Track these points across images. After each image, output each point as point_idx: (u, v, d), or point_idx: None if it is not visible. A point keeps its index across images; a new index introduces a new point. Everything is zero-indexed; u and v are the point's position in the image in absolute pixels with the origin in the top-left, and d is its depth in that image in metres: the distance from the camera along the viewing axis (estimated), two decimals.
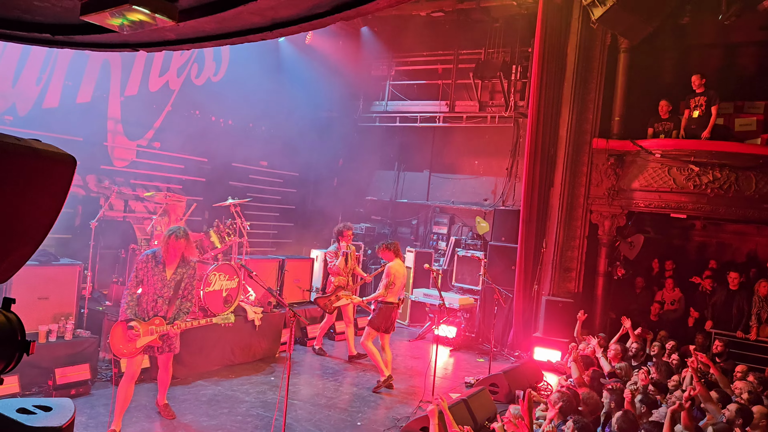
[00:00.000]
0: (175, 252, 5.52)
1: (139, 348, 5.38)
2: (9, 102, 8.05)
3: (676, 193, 9.57)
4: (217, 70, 11.08)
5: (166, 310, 5.51)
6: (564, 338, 9.33)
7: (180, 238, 5.49)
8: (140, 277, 5.44)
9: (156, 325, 5.43)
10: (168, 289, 5.50)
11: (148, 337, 5.39)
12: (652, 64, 10.62)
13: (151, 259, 5.50)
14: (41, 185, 1.89)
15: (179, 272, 5.58)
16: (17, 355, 1.96)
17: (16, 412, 2.29)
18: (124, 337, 5.32)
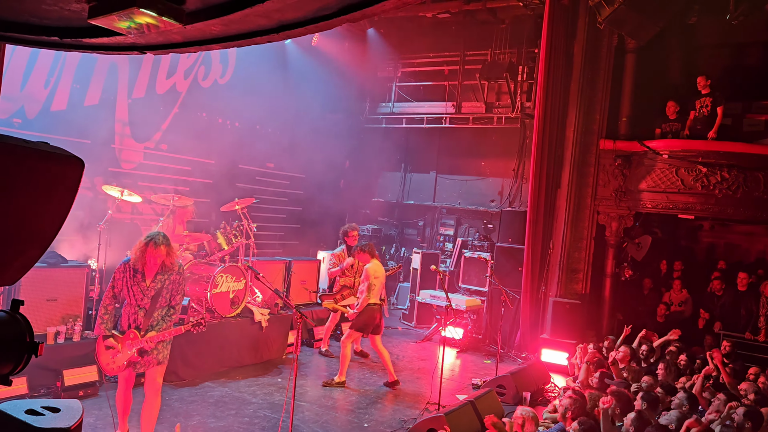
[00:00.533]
0: (154, 260, 5.03)
1: (122, 366, 5.00)
2: (17, 105, 8.10)
3: (684, 194, 9.52)
4: (223, 72, 11.12)
5: (143, 321, 5.06)
6: (571, 339, 9.30)
7: (159, 246, 5.00)
8: (118, 287, 5.04)
9: (131, 339, 4.99)
10: (147, 299, 5.05)
11: (127, 353, 4.98)
12: (660, 65, 10.58)
13: (129, 268, 5.05)
14: (50, 188, 1.90)
15: (159, 279, 5.09)
16: (26, 356, 1.97)
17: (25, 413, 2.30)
18: (107, 353, 4.97)
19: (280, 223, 12.63)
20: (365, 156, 13.44)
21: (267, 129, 11.83)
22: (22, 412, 2.31)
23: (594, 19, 9.86)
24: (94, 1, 2.10)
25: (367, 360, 9.15)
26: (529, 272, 10.11)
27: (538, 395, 7.70)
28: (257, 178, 12.00)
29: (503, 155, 12.43)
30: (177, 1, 2.08)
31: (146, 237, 5.06)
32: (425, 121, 12.99)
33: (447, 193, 13.42)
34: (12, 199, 1.75)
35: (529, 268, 10.11)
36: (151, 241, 4.99)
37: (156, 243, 4.99)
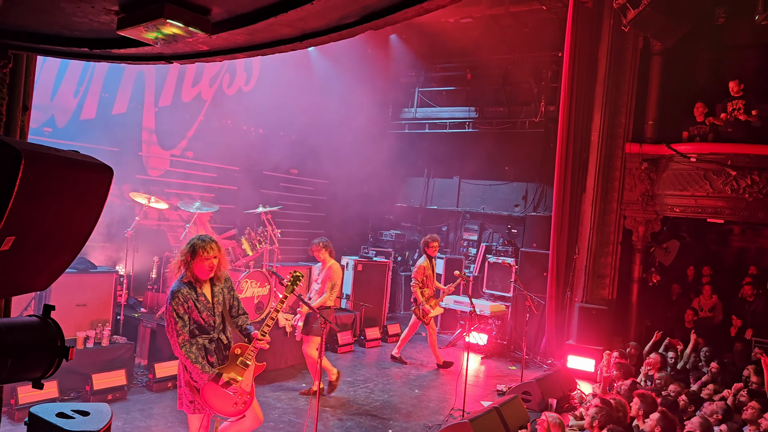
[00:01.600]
0: (206, 268, 4.24)
1: (252, 390, 4.38)
2: (48, 114, 8.29)
3: (713, 198, 9.35)
4: (248, 80, 11.24)
5: (229, 336, 4.41)
6: (598, 346, 9.17)
7: (210, 252, 4.23)
8: (186, 319, 4.16)
9: (240, 354, 4.30)
10: (219, 318, 4.33)
11: (248, 372, 4.32)
12: (687, 67, 10.42)
13: (188, 294, 4.18)
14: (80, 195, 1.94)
15: (216, 291, 4.35)
16: (57, 360, 2.01)
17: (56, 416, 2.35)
18: (226, 396, 4.18)
19: (303, 229, 12.69)
20: (388, 161, 13.44)
21: (291, 135, 11.92)
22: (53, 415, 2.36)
23: (619, 22, 9.75)
24: (122, 13, 2.15)
25: (406, 366, 9.15)
26: (554, 277, 10.02)
27: (565, 402, 7.61)
28: (281, 184, 12.09)
29: (527, 159, 12.34)
30: (203, 12, 2.12)
31: (192, 244, 4.26)
32: (448, 126, 12.96)
33: (470, 198, 13.37)
34: (44, 207, 1.79)
35: (554, 274, 10.01)
36: (200, 248, 4.20)
37: (206, 249, 4.21)
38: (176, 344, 4.07)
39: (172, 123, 9.96)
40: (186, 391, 4.20)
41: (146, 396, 6.68)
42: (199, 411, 4.20)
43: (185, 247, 4.27)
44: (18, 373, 1.95)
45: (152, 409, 6.35)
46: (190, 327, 4.15)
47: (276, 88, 11.18)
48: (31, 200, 1.70)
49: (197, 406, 4.18)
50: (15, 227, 1.68)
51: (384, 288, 11.11)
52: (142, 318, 7.80)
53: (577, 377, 8.70)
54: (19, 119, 2.93)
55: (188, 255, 4.21)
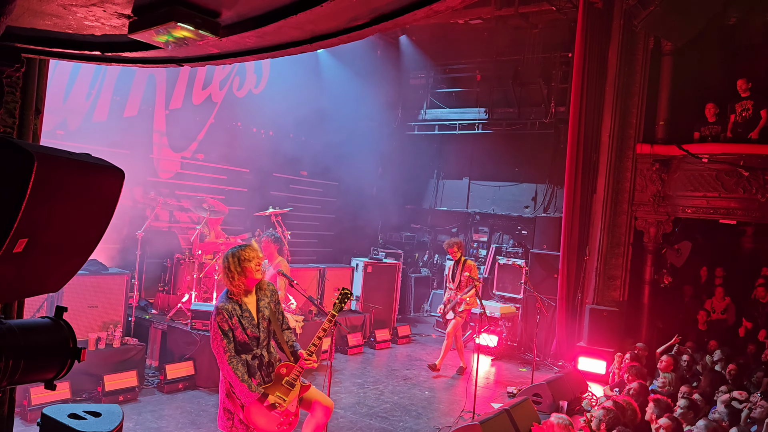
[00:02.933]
0: (253, 277, 4.12)
1: (297, 410, 4.23)
2: (60, 117, 8.36)
3: (725, 199, 9.28)
4: (258, 83, 11.29)
5: (272, 351, 4.28)
6: (609, 348, 9.12)
7: (253, 259, 4.10)
8: (230, 335, 4.04)
9: (285, 374, 4.18)
10: (263, 334, 4.19)
11: (293, 393, 4.19)
12: (698, 67, 10.35)
13: (233, 310, 4.06)
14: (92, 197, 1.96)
15: (262, 306, 4.21)
16: (69, 361, 2.03)
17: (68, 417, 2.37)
18: (271, 416, 4.05)
19: (313, 230, 12.72)
20: (398, 163, 13.47)
21: (300, 137, 11.96)
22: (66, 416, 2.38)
23: (629, 22, 9.72)
24: (134, 17, 2.16)
25: (415, 368, 9.13)
26: (564, 279, 9.97)
27: (576, 404, 7.57)
28: (291, 186, 12.13)
29: (537, 161, 12.30)
30: (213, 15, 2.13)
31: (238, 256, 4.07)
32: (458, 127, 12.94)
33: (480, 200, 13.34)
34: (57, 210, 1.81)
35: (564, 275, 9.97)
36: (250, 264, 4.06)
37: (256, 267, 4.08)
38: (223, 360, 3.97)
39: (183, 125, 10.02)
40: (228, 404, 4.08)
41: (157, 397, 6.71)
42: (237, 429, 4.06)
43: (226, 262, 4.08)
44: (31, 374, 1.97)
45: (163, 410, 6.38)
46: (234, 343, 4.05)
47: (286, 91, 11.22)
48: (44, 203, 1.71)
49: (236, 423, 4.05)
50: (28, 230, 1.70)
51: (394, 290, 11.11)
52: (153, 320, 7.84)
53: (588, 379, 8.65)
54: (32, 122, 2.96)
55: (235, 267, 4.04)
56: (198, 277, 8.03)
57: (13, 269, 1.76)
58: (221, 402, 4.15)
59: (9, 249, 1.67)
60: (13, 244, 1.67)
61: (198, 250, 8.15)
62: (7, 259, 1.69)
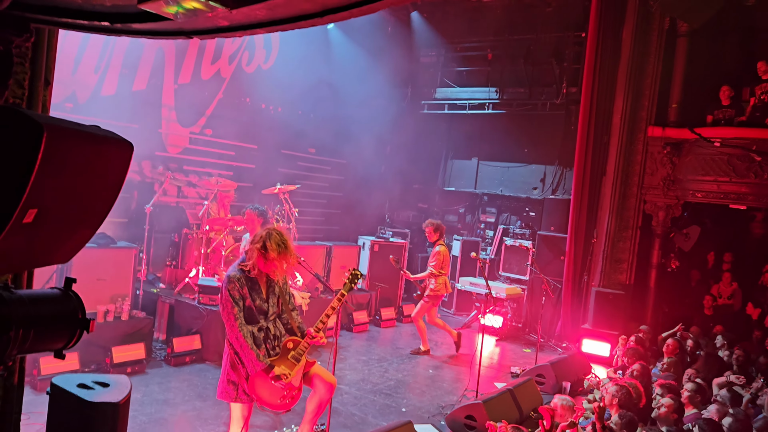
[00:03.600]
0: (272, 270, 4.19)
1: (300, 385, 4.27)
2: (69, 90, 8.35)
3: (736, 184, 9.21)
4: (267, 58, 11.21)
5: (278, 326, 4.35)
6: (614, 331, 9.14)
7: (283, 258, 4.12)
8: (241, 304, 4.10)
9: (292, 348, 4.22)
10: (272, 309, 4.27)
11: (298, 367, 4.21)
12: (714, 49, 10.19)
13: (244, 280, 4.13)
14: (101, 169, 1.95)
15: (273, 283, 4.30)
16: (78, 332, 2.04)
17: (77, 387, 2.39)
18: (274, 389, 4.10)
19: (321, 208, 12.73)
20: (406, 142, 13.39)
21: (309, 115, 11.90)
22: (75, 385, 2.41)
23: (645, 2, 9.56)
24: None
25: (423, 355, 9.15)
26: (571, 261, 9.96)
27: (578, 386, 7.61)
28: (299, 163, 12.10)
29: (547, 142, 12.20)
30: None
31: (263, 242, 4.09)
32: (467, 107, 12.84)
33: (489, 180, 13.28)
34: (66, 181, 1.81)
35: (571, 257, 9.96)
36: (273, 251, 4.06)
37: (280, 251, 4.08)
38: (233, 327, 3.99)
39: (191, 100, 9.98)
40: (232, 375, 4.09)
41: (164, 370, 6.79)
42: (241, 400, 4.10)
43: (261, 242, 4.07)
44: (40, 343, 1.98)
45: (170, 382, 6.45)
46: (243, 315, 4.08)
47: (295, 67, 11.14)
48: (53, 174, 1.71)
49: (240, 394, 4.08)
50: (37, 200, 1.70)
51: None
52: (161, 294, 7.90)
53: (592, 361, 8.69)
54: (41, 94, 2.94)
55: (262, 252, 4.06)
56: (205, 252, 8.07)
57: (23, 240, 1.77)
58: (224, 373, 4.18)
59: (19, 219, 1.67)
60: (23, 214, 1.68)
61: (206, 226, 8.18)
62: (17, 229, 1.69)
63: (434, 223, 8.79)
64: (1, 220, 1.65)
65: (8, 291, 1.91)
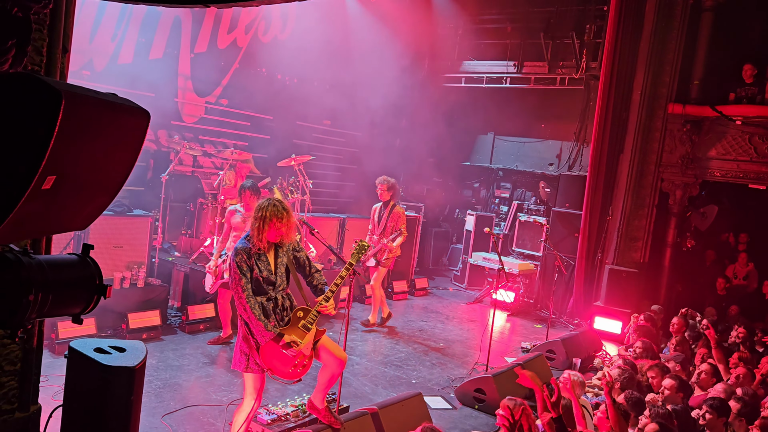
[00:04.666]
0: (276, 236, 4.20)
1: (310, 353, 4.26)
2: (87, 57, 8.36)
3: (757, 163, 9.07)
4: (284, 28, 11.12)
5: (289, 297, 4.37)
6: (626, 309, 9.13)
7: (284, 220, 4.15)
8: (248, 276, 4.12)
9: (302, 317, 4.24)
10: (280, 279, 4.27)
11: (309, 336, 4.23)
12: (738, 25, 9.93)
13: (252, 252, 4.15)
14: (119, 138, 1.96)
15: (281, 253, 4.30)
16: (95, 297, 2.08)
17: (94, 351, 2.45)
18: (285, 359, 4.12)
19: (335, 180, 12.73)
20: (422, 115, 13.28)
21: (325, 86, 11.83)
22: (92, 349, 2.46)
23: None
24: None
25: (431, 320, 9.23)
26: (585, 238, 9.91)
27: (589, 362, 7.64)
28: (314, 135, 12.08)
29: (564, 117, 12.05)
30: None
31: (264, 209, 4.14)
32: (485, 80, 12.69)
33: (504, 155, 13.19)
34: (84, 148, 1.82)
35: (585, 235, 9.90)
36: (275, 217, 4.11)
37: (280, 217, 4.12)
38: (242, 299, 4.05)
39: (208, 70, 9.96)
40: (243, 346, 4.14)
41: (179, 336, 6.91)
42: (252, 370, 4.13)
43: (261, 212, 4.14)
44: (58, 308, 2.02)
45: (185, 349, 6.57)
46: (251, 286, 4.12)
47: (312, 37, 11.04)
48: (71, 141, 1.72)
49: (251, 365, 4.11)
50: (56, 167, 1.72)
51: (414, 242, 11.15)
52: (176, 262, 7.99)
53: (604, 339, 8.70)
54: (59, 61, 2.95)
55: (261, 222, 4.11)
56: (220, 222, 8.13)
57: (41, 206, 1.79)
58: (237, 344, 4.23)
59: (38, 185, 1.70)
60: (42, 180, 1.70)
61: (221, 195, 8.23)
62: (36, 195, 1.72)
63: (390, 181, 8.25)
64: (21, 186, 1.67)
65: (27, 256, 1.95)
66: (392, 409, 4.94)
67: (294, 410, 4.85)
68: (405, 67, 12.55)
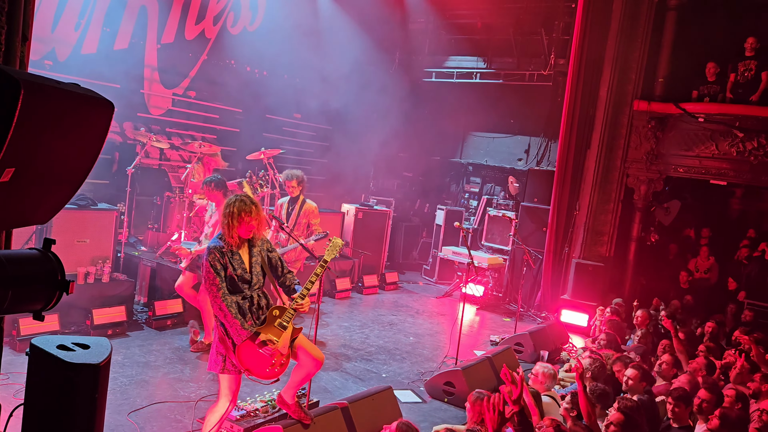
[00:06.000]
0: (248, 231, 4.12)
1: (287, 352, 4.22)
2: (48, 47, 8.13)
3: (718, 159, 9.30)
4: (253, 20, 10.98)
5: (265, 296, 4.32)
6: (592, 302, 9.29)
7: (253, 214, 4.09)
8: (222, 274, 4.04)
9: (278, 316, 4.18)
10: (256, 277, 4.20)
11: (286, 335, 4.18)
12: (702, 24, 10.15)
13: (225, 251, 4.08)
14: (80, 128, 1.91)
15: (255, 252, 4.22)
16: (57, 293, 2.03)
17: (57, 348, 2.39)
18: (261, 358, 4.07)
19: (305, 174, 12.63)
20: (392, 109, 13.27)
21: (295, 79, 11.74)
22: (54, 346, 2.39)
23: None
24: None
25: (401, 314, 9.25)
26: (553, 233, 10.05)
27: (556, 355, 7.76)
28: (284, 129, 11.98)
29: (533, 113, 12.18)
30: None
31: (232, 205, 4.07)
32: (455, 75, 12.74)
33: (474, 150, 13.27)
34: (44, 139, 1.77)
35: (553, 229, 10.04)
36: (243, 212, 4.04)
37: (248, 212, 4.06)
38: (217, 297, 3.98)
39: (175, 61, 9.78)
40: (220, 347, 4.07)
41: (146, 333, 6.80)
42: (228, 371, 4.05)
43: (229, 207, 4.06)
44: (18, 304, 1.97)
45: (151, 345, 6.47)
46: (226, 285, 4.05)
47: (281, 30, 10.93)
48: (31, 132, 1.67)
49: (227, 366, 4.04)
50: (15, 159, 1.66)
51: (384, 237, 11.17)
52: (143, 257, 7.86)
53: (570, 331, 8.85)
54: (19, 49, 2.86)
55: (230, 219, 4.03)
56: (188, 216, 8.02)
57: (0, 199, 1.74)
58: (214, 346, 4.15)
59: None
60: (0, 172, 1.64)
61: (189, 189, 8.11)
62: None
63: (299, 175, 7.63)
64: None
65: None
66: (362, 404, 4.94)
67: (263, 406, 4.83)
68: (376, 61, 12.53)
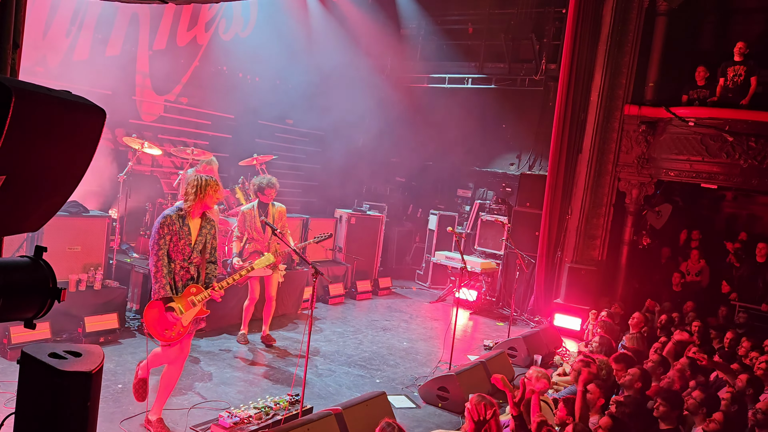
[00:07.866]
0: (211, 203, 4.66)
1: (187, 326, 4.60)
2: (40, 53, 8.10)
3: (708, 163, 9.36)
4: (245, 26, 10.99)
5: (197, 276, 4.70)
6: (585, 305, 9.32)
7: (218, 192, 4.66)
8: (167, 239, 4.53)
9: (193, 294, 4.61)
10: (196, 253, 4.65)
11: (192, 311, 4.58)
12: (691, 29, 10.25)
13: (176, 221, 4.56)
14: (72, 136, 1.91)
15: (203, 232, 4.69)
16: (49, 301, 2.02)
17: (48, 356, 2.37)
18: (164, 320, 4.52)
19: (298, 180, 12.65)
20: (385, 115, 13.31)
21: (287, 85, 11.74)
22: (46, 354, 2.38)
23: None
24: None
25: (395, 319, 9.24)
26: (545, 237, 10.08)
27: (549, 359, 7.77)
28: (276, 134, 11.98)
29: (525, 118, 12.24)
30: None
31: (197, 181, 4.58)
32: (447, 81, 12.78)
33: (466, 155, 13.30)
34: (35, 147, 1.76)
35: (546, 233, 10.07)
36: (209, 186, 4.58)
37: (213, 187, 4.61)
38: (154, 256, 4.49)
39: (167, 67, 9.76)
40: None
41: (138, 340, 6.76)
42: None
43: (195, 182, 4.59)
44: (9, 312, 1.95)
45: (144, 352, 6.41)
46: (167, 249, 4.53)
47: (273, 36, 10.94)
48: (22, 139, 1.67)
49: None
50: (5, 166, 1.66)
51: (377, 242, 11.18)
52: (135, 263, 7.82)
53: (564, 335, 8.87)
54: (10, 56, 2.86)
55: (197, 188, 4.56)
56: None
57: None
58: None
59: None
60: None
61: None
62: None
63: (275, 183, 7.16)
64: None
65: None
66: (356, 409, 4.93)
67: (257, 412, 4.80)
68: (368, 66, 12.56)
